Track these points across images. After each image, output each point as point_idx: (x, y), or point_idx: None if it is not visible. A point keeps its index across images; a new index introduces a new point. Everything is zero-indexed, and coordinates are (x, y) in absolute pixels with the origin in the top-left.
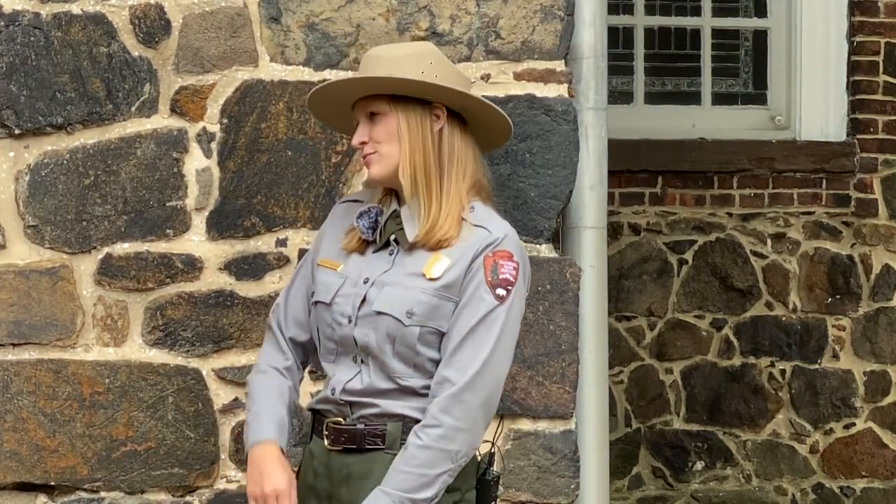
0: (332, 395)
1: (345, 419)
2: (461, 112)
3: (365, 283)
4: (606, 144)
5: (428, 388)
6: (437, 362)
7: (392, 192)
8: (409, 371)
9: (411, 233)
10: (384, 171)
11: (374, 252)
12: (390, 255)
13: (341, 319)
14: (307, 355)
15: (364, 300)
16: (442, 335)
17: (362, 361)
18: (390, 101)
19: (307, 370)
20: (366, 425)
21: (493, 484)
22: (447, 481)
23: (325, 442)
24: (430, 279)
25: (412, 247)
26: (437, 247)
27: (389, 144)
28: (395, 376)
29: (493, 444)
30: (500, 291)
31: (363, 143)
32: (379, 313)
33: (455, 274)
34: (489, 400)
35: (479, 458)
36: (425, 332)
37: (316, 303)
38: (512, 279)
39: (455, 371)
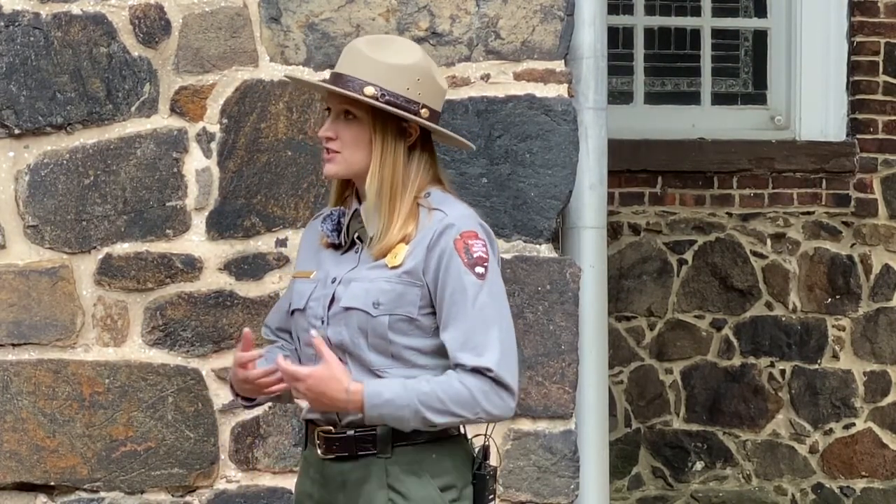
0: None
1: (335, 427)
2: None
3: (333, 282)
4: (606, 144)
5: (411, 377)
6: (414, 350)
7: (353, 190)
8: (388, 362)
9: (372, 229)
10: (342, 172)
11: (342, 254)
12: (356, 253)
13: (315, 322)
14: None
15: (333, 299)
16: (412, 321)
17: (341, 360)
18: (369, 110)
19: None
20: (356, 431)
21: (490, 478)
22: (454, 424)
23: (318, 451)
24: (392, 267)
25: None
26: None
27: (357, 151)
28: (375, 369)
29: (486, 438)
30: (479, 269)
31: (330, 138)
32: (347, 309)
33: (416, 259)
34: (516, 374)
35: (473, 452)
36: (394, 321)
37: (293, 312)
38: (485, 255)
39: (483, 357)
